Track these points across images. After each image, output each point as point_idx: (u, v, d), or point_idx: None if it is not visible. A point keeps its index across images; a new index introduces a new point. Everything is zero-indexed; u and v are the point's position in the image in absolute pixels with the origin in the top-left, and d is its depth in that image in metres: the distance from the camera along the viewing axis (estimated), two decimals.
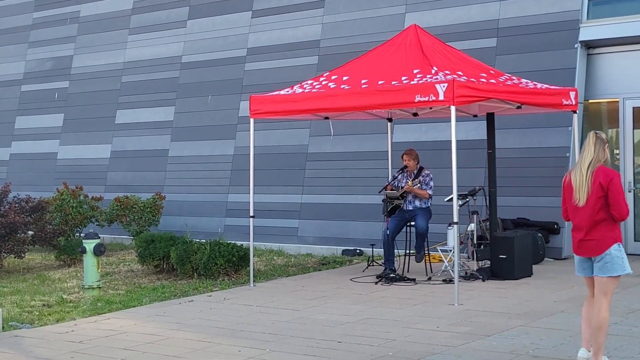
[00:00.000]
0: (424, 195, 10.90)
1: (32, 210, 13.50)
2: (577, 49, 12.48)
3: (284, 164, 14.81)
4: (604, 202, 5.96)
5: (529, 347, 6.91)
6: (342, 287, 10.34)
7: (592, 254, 6.05)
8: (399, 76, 9.99)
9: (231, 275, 11.29)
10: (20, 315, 9.11)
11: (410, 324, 8.02)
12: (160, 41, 16.87)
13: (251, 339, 7.55)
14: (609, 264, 5.99)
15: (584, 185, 5.99)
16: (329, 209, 14.25)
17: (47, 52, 18.84)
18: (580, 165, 6.06)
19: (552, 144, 12.47)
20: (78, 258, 12.91)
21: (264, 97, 10.94)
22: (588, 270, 6.16)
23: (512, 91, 10.21)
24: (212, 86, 16.01)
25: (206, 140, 15.90)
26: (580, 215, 6.06)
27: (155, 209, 15.01)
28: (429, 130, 13.36)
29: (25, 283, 11.73)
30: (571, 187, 6.10)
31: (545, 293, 9.46)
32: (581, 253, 6.12)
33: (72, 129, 18.04)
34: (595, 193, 5.95)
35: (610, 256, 5.98)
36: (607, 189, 5.94)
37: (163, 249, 11.68)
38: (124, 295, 10.29)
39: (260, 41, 15.54)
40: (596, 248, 6.00)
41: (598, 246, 5.99)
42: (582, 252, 6.11)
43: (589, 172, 5.99)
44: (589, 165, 6.00)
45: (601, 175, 5.96)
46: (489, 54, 12.94)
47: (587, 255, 6.09)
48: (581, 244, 6.08)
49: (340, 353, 6.92)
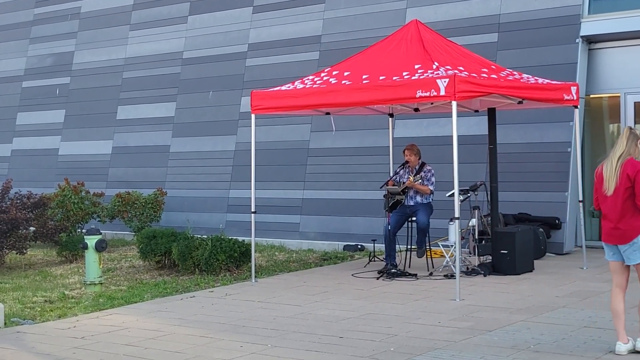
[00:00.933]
0: (425, 191, 10.90)
1: (33, 206, 13.51)
2: (579, 44, 12.47)
3: (285, 160, 14.81)
4: (631, 193, 6.26)
5: (530, 342, 6.91)
6: (343, 282, 10.35)
7: (619, 242, 6.36)
8: (400, 71, 9.98)
9: (233, 271, 11.30)
10: (22, 311, 9.12)
11: (411, 319, 8.03)
12: (162, 37, 16.87)
13: (253, 335, 7.56)
14: (637, 252, 6.31)
15: (613, 176, 6.32)
16: (330, 204, 14.26)
17: (48, 48, 18.84)
18: (611, 157, 6.40)
19: (553, 139, 12.47)
20: (80, 254, 12.92)
21: (265, 92, 10.94)
22: (617, 255, 6.45)
23: (513, 86, 10.20)
24: (213, 82, 16.01)
25: (207, 136, 15.89)
26: (608, 205, 6.40)
27: (156, 204, 15.02)
28: (430, 126, 13.35)
29: (27, 279, 11.75)
30: (602, 178, 6.42)
31: (547, 288, 9.46)
32: (609, 241, 6.45)
33: (73, 125, 18.05)
34: (623, 184, 6.28)
35: (638, 245, 6.29)
36: (634, 180, 6.24)
37: (165, 245, 11.68)
38: (126, 291, 10.30)
39: (262, 37, 15.54)
40: (623, 237, 6.32)
41: (625, 235, 6.31)
42: (610, 240, 6.44)
43: (618, 164, 6.32)
44: (619, 157, 6.33)
45: (629, 167, 6.28)
46: (490, 49, 12.93)
47: (614, 243, 6.41)
48: (609, 232, 6.41)
49: (342, 348, 6.93)
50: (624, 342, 6.41)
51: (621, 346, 6.40)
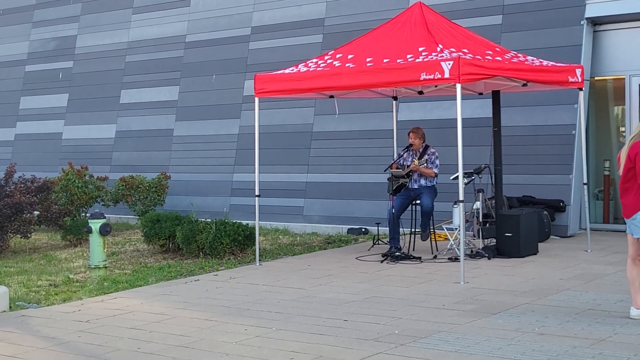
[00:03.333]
0: (430, 174, 10.88)
1: (37, 190, 13.52)
2: (583, 25, 12.40)
3: (289, 143, 14.79)
4: (633, 173, 6.80)
5: (535, 325, 6.91)
6: (347, 265, 10.36)
7: (625, 217, 6.99)
8: (405, 54, 9.94)
9: (237, 254, 11.31)
10: (27, 295, 9.14)
11: (416, 302, 8.03)
12: (164, 20, 16.81)
13: (258, 318, 7.57)
14: (638, 227, 6.86)
15: (623, 156, 6.88)
16: (334, 187, 14.24)
17: (50, 32, 18.79)
18: (627, 140, 6.96)
19: (558, 121, 12.43)
20: (84, 238, 12.94)
21: (268, 75, 10.90)
22: (630, 228, 6.99)
23: (518, 69, 10.15)
24: (216, 65, 15.96)
25: (211, 120, 15.87)
26: (620, 183, 7.00)
27: (160, 188, 15.03)
28: (434, 109, 13.31)
29: (32, 263, 11.77)
30: (619, 159, 6.99)
31: (551, 271, 9.46)
32: (622, 215, 7.08)
33: (76, 109, 18.02)
34: (627, 164, 6.84)
35: (637, 220, 6.85)
36: (634, 161, 6.77)
37: (169, 229, 11.69)
38: (130, 274, 10.32)
39: (265, 20, 15.48)
40: (627, 212, 6.94)
41: (628, 210, 6.92)
42: (622, 214, 7.07)
43: (628, 145, 6.86)
44: (630, 140, 6.88)
45: (633, 149, 6.80)
46: (495, 32, 12.86)
47: (624, 217, 7.02)
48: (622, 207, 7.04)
49: (346, 331, 6.94)
50: (637, 307, 6.97)
51: (633, 310, 6.99)
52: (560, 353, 6.05)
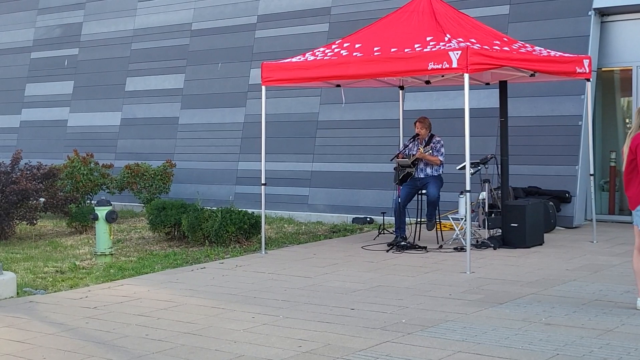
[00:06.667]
0: (435, 161, 10.88)
1: (43, 177, 13.52)
2: (591, 16, 12.36)
3: (295, 132, 14.78)
4: (635, 165, 6.90)
5: (541, 315, 6.92)
6: (353, 254, 10.37)
7: (631, 208, 7.07)
8: (412, 44, 9.92)
9: (242, 242, 11.32)
10: (33, 281, 9.17)
11: (422, 291, 8.04)
12: (170, 8, 16.78)
13: (264, 306, 7.59)
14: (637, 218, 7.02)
15: (625, 149, 7.01)
16: (339, 177, 14.25)
17: (56, 19, 18.76)
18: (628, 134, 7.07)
19: (564, 112, 12.41)
20: (89, 225, 12.96)
21: (276, 64, 10.88)
22: None
23: (525, 59, 10.13)
24: (222, 53, 15.94)
25: (216, 108, 15.87)
26: (623, 175, 7.10)
27: (165, 176, 15.04)
28: (440, 99, 13.29)
29: (38, 249, 11.80)
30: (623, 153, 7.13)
31: (557, 261, 9.47)
32: (629, 207, 7.15)
33: (82, 96, 18.02)
34: (629, 156, 6.96)
35: None
36: (635, 152, 6.87)
37: (174, 217, 11.70)
38: (136, 262, 10.34)
39: (270, 8, 15.44)
40: (631, 203, 7.02)
41: (632, 202, 7.01)
42: (629, 206, 7.13)
43: (629, 138, 6.97)
44: (630, 133, 7.00)
45: (634, 141, 6.90)
46: (502, 22, 12.83)
47: (630, 209, 7.09)
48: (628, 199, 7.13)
49: (353, 320, 6.95)
50: None
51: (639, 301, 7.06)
52: (567, 343, 6.06)
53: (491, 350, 5.95)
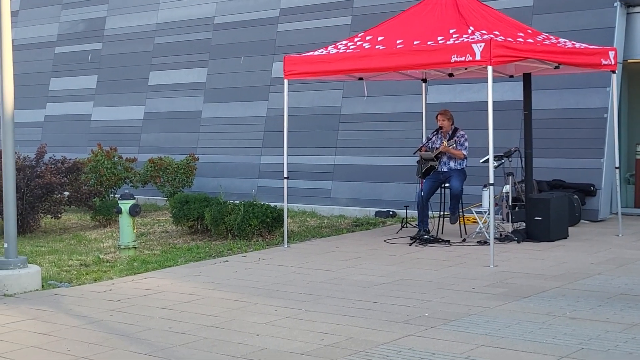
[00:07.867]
0: (459, 155, 10.83)
1: (67, 171, 13.63)
2: (617, 7, 12.22)
3: (317, 125, 14.77)
4: None
5: (565, 309, 6.87)
6: (376, 248, 10.35)
7: None
8: (435, 36, 9.86)
9: (265, 236, 11.33)
10: (58, 274, 9.23)
11: (445, 285, 8.01)
12: (193, 2, 16.81)
13: (287, 299, 7.59)
14: None
15: None
16: (361, 170, 14.22)
17: (80, 14, 18.87)
18: None
19: (589, 104, 12.29)
20: (113, 219, 13.04)
21: (298, 57, 10.87)
22: None
23: (550, 51, 10.04)
24: (244, 47, 15.95)
25: (239, 102, 15.88)
26: None
27: (188, 170, 15.09)
28: (463, 91, 13.22)
29: (62, 243, 11.89)
30: None
31: (582, 255, 9.39)
32: None
33: (105, 90, 18.12)
34: None
35: None
36: None
37: (197, 210, 11.74)
38: (160, 255, 10.38)
39: (293, 1, 15.42)
40: None
41: None
42: None
43: None
44: None
45: None
46: (526, 13, 12.72)
47: None
48: None
49: (376, 313, 6.94)
50: None
51: None
52: (592, 337, 6.01)
53: (515, 344, 5.91)
